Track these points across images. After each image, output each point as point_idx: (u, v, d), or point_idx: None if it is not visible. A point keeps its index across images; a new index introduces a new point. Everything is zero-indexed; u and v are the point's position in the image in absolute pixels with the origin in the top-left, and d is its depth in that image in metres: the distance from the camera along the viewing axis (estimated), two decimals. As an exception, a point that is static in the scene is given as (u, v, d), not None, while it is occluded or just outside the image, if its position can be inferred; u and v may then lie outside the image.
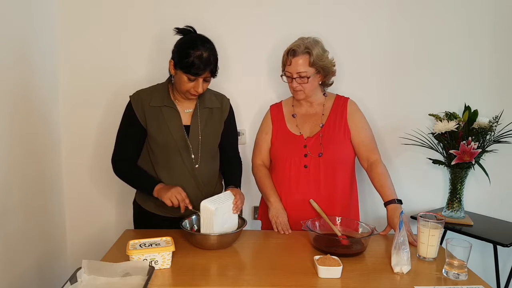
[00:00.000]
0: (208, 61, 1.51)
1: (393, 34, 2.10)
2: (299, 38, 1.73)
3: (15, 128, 1.70)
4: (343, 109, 1.79)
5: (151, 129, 1.62)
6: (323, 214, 1.63)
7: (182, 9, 2.04)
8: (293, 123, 1.82)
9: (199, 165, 1.66)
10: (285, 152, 1.77)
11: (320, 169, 1.73)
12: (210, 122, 1.69)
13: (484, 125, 1.95)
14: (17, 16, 1.71)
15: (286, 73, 1.72)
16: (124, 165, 1.67)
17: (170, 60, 1.58)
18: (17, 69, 1.72)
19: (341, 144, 1.76)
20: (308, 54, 1.67)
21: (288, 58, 1.69)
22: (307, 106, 1.83)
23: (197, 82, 1.54)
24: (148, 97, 1.63)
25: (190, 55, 1.49)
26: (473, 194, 2.16)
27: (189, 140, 1.63)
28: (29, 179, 1.83)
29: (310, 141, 1.75)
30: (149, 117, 1.62)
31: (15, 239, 1.71)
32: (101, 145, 2.15)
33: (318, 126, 1.78)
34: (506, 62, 2.11)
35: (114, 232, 2.15)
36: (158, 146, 1.63)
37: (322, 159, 1.72)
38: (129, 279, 1.22)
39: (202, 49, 1.50)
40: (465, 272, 1.31)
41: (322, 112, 1.80)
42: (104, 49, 2.07)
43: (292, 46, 1.69)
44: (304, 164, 1.73)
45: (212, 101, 1.71)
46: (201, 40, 1.54)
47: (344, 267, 1.31)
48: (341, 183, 1.76)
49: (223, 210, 1.50)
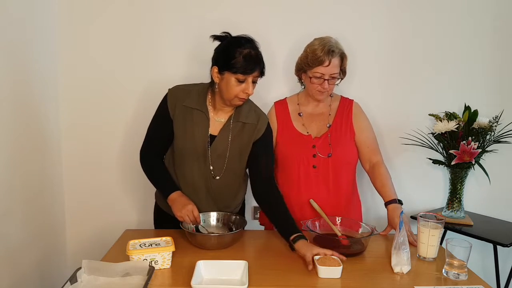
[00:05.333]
0: (258, 59, 1.45)
1: (393, 34, 2.10)
2: (319, 39, 1.68)
3: (15, 128, 1.70)
4: (349, 110, 1.80)
5: (176, 128, 1.58)
6: (323, 214, 1.63)
7: (183, 11, 2.04)
8: (300, 122, 1.79)
9: (219, 178, 1.60)
10: (294, 151, 1.75)
11: (329, 170, 1.72)
12: (239, 137, 1.60)
13: (484, 125, 1.95)
14: (17, 16, 1.71)
15: (316, 74, 1.66)
16: (150, 159, 1.63)
17: (213, 67, 1.50)
18: (17, 69, 1.72)
19: (348, 145, 1.76)
20: (341, 55, 1.67)
21: (327, 58, 1.62)
22: (314, 106, 1.81)
23: (247, 83, 1.46)
24: (184, 95, 1.57)
25: (238, 54, 1.42)
26: (473, 194, 2.16)
27: (210, 150, 1.57)
28: (29, 179, 1.82)
29: (318, 141, 1.74)
30: (178, 116, 1.57)
31: (15, 239, 1.71)
32: (101, 145, 2.15)
33: (325, 126, 1.77)
34: (506, 62, 2.11)
35: (114, 232, 2.14)
36: (178, 147, 1.59)
37: (331, 160, 1.72)
38: (129, 279, 1.22)
39: (250, 47, 1.45)
40: (465, 272, 1.31)
41: (329, 112, 1.80)
42: (104, 49, 2.07)
43: (328, 46, 1.63)
44: (313, 164, 1.72)
45: (249, 116, 1.60)
46: (245, 39, 1.48)
47: (344, 267, 1.31)
48: (347, 183, 1.77)
49: None
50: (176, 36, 2.05)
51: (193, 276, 1.22)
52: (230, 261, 1.34)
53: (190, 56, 2.06)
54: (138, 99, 2.11)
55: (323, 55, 1.63)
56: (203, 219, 1.61)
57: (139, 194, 2.18)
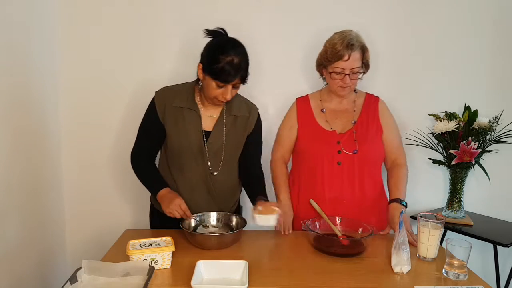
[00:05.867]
0: (239, 68, 1.43)
1: (393, 34, 2.10)
2: (339, 32, 1.65)
3: (15, 128, 1.70)
4: (375, 107, 1.76)
5: (169, 129, 1.58)
6: (323, 214, 1.63)
7: (184, 10, 2.04)
8: (323, 118, 1.75)
9: (217, 174, 1.62)
10: (317, 147, 1.71)
11: (355, 167, 1.68)
12: (233, 131, 1.62)
13: (484, 125, 1.95)
14: (17, 16, 1.71)
15: (336, 69, 1.63)
16: (140, 160, 1.64)
17: (199, 63, 1.50)
18: (17, 69, 1.72)
19: (374, 142, 1.72)
20: (362, 49, 1.63)
21: (347, 52, 1.59)
22: (337, 102, 1.77)
23: (226, 89, 1.47)
24: (172, 96, 1.58)
25: (220, 60, 1.41)
26: (473, 194, 2.16)
27: (206, 147, 1.58)
28: (29, 179, 1.82)
29: (343, 137, 1.70)
30: (169, 117, 1.57)
31: (15, 239, 1.71)
32: (101, 145, 2.14)
33: (350, 123, 1.74)
34: (506, 62, 2.11)
35: (114, 232, 2.13)
36: (173, 147, 1.60)
37: (356, 156, 1.67)
38: (129, 279, 1.22)
39: (233, 54, 1.42)
40: (465, 272, 1.31)
41: (353, 109, 1.76)
42: (104, 49, 2.07)
43: (347, 40, 1.59)
44: (338, 161, 1.68)
45: (240, 109, 1.63)
46: (232, 44, 1.46)
47: (344, 267, 1.31)
48: (373, 184, 1.73)
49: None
50: (176, 36, 2.05)
51: (193, 276, 1.22)
52: (230, 261, 1.34)
53: (191, 56, 2.05)
54: (138, 100, 2.09)
55: (342, 49, 1.59)
56: (202, 218, 1.62)
57: (139, 194, 2.16)
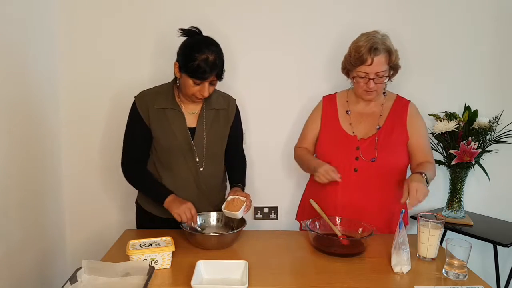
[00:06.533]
0: (214, 65, 1.46)
1: (393, 34, 2.07)
2: (365, 34, 1.59)
3: (15, 128, 1.70)
4: (404, 111, 1.66)
5: (155, 131, 1.59)
6: (323, 214, 1.63)
7: (185, 9, 2.04)
8: (347, 121, 1.69)
9: (203, 169, 1.63)
10: (335, 151, 1.65)
11: (372, 176, 1.61)
12: (216, 124, 1.65)
13: (484, 125, 1.95)
14: (17, 16, 1.71)
15: (360, 73, 1.57)
16: (134, 169, 1.64)
17: (175, 62, 1.53)
18: (17, 69, 1.72)
19: (397, 150, 1.64)
20: (388, 52, 1.56)
21: (370, 56, 1.52)
22: (364, 105, 1.69)
23: (203, 86, 1.49)
24: (152, 98, 1.59)
25: (196, 58, 1.44)
26: (473, 194, 2.16)
27: (194, 143, 1.60)
28: (29, 179, 1.82)
29: (363, 143, 1.63)
30: (154, 119, 1.59)
31: (15, 239, 1.71)
32: (101, 145, 2.15)
33: (374, 128, 1.66)
34: (506, 62, 2.12)
35: (114, 232, 2.14)
36: (162, 148, 1.61)
37: (374, 165, 1.60)
38: (129, 279, 1.22)
39: (208, 52, 1.45)
40: (465, 272, 1.31)
41: (380, 113, 1.67)
42: (104, 49, 2.07)
43: (370, 43, 1.53)
44: (354, 167, 1.62)
45: (219, 102, 1.67)
46: (206, 42, 1.48)
47: (344, 267, 1.31)
48: (393, 196, 1.63)
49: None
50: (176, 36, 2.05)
51: (193, 276, 1.22)
52: (230, 261, 1.34)
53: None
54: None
55: (365, 53, 1.53)
56: (203, 219, 1.62)
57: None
